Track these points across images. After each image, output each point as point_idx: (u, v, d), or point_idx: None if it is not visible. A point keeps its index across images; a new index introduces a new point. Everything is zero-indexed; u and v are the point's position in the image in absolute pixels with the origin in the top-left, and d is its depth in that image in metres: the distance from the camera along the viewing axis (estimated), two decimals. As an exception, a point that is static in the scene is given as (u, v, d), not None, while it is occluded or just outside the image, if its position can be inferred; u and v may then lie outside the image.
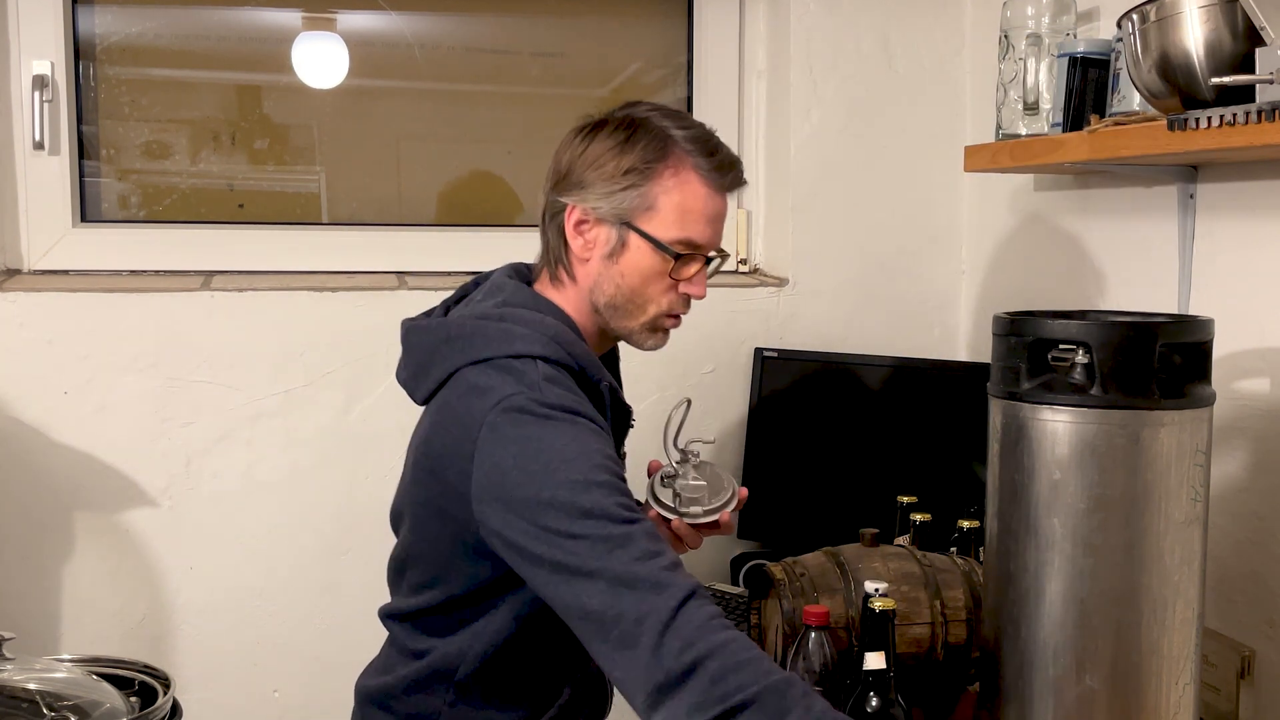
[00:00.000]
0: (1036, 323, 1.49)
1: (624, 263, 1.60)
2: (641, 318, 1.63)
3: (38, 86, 2.38)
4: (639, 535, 1.36)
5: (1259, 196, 1.81)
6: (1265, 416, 1.79)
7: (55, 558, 2.32)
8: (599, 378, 1.58)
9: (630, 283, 1.60)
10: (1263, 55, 1.42)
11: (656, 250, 1.58)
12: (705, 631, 1.30)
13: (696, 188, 1.58)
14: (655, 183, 1.57)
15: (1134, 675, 1.46)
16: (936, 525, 1.97)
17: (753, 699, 1.25)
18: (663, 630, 1.30)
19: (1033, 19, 2.11)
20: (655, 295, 1.61)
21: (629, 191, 1.57)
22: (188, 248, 2.49)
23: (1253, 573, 1.81)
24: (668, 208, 1.58)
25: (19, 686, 1.81)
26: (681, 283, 1.61)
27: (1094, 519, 1.45)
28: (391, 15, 2.61)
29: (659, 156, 1.57)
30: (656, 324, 1.64)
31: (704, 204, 1.59)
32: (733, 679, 1.27)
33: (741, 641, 1.30)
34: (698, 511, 1.60)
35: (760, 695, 1.26)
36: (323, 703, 2.39)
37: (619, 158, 1.58)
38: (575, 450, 1.42)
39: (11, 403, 2.27)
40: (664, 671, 1.28)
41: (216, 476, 2.37)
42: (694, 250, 1.60)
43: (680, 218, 1.58)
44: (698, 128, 1.61)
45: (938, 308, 2.67)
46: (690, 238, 1.58)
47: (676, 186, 1.58)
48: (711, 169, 1.58)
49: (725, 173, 1.60)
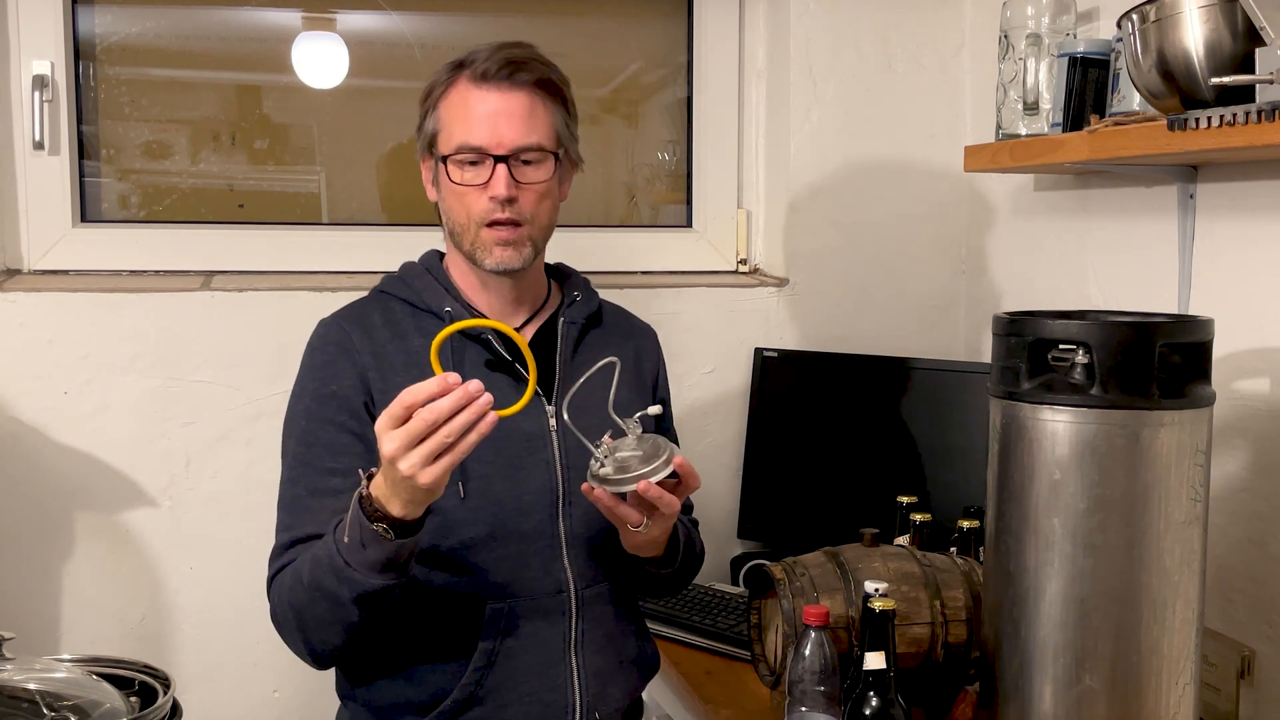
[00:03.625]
0: (1036, 323, 1.49)
1: (441, 189, 1.68)
2: (469, 235, 1.66)
3: (38, 86, 2.38)
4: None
5: (1259, 196, 1.81)
6: (1265, 416, 1.79)
7: (55, 557, 2.32)
8: (436, 307, 1.69)
9: (448, 204, 1.68)
10: (1263, 55, 1.42)
11: (444, 165, 1.64)
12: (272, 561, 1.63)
13: (466, 91, 1.64)
14: (441, 105, 1.66)
15: (1134, 675, 1.46)
16: (936, 525, 1.97)
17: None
18: (275, 552, 1.63)
19: (1033, 19, 2.11)
20: (469, 207, 1.65)
21: (428, 121, 1.68)
22: (188, 248, 2.49)
23: (1252, 573, 1.81)
24: (446, 122, 1.65)
25: (19, 686, 1.81)
26: (483, 187, 1.63)
27: (1094, 519, 1.45)
28: (391, 15, 2.61)
29: (446, 81, 1.66)
30: (482, 239, 1.66)
31: (474, 104, 1.63)
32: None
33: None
34: (610, 478, 1.54)
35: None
36: (321, 704, 2.38)
37: (425, 99, 1.69)
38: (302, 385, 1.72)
39: (12, 402, 2.27)
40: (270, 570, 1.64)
41: (217, 476, 2.37)
42: (473, 152, 1.62)
43: (456, 125, 1.64)
44: (502, 46, 1.64)
45: (937, 308, 2.67)
46: (464, 140, 1.62)
47: (453, 98, 1.65)
48: (478, 69, 1.62)
49: (491, 65, 1.62)
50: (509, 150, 1.62)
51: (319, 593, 1.51)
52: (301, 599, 1.54)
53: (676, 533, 1.70)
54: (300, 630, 1.57)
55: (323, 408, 1.66)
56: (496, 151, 1.62)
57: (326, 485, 1.61)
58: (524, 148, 1.63)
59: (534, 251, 1.69)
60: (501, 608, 1.64)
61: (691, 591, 2.30)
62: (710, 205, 2.73)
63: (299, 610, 1.56)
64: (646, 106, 2.76)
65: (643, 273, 2.68)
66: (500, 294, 1.73)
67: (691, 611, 2.22)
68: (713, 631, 2.16)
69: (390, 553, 1.44)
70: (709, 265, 2.71)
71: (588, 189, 2.70)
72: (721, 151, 2.72)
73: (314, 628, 1.56)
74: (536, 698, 1.64)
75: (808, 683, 1.58)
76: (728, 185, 2.73)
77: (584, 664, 1.68)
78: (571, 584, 1.67)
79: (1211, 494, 1.53)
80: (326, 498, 1.59)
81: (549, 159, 1.66)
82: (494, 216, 1.63)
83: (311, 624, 1.56)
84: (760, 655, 1.83)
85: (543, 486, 1.66)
